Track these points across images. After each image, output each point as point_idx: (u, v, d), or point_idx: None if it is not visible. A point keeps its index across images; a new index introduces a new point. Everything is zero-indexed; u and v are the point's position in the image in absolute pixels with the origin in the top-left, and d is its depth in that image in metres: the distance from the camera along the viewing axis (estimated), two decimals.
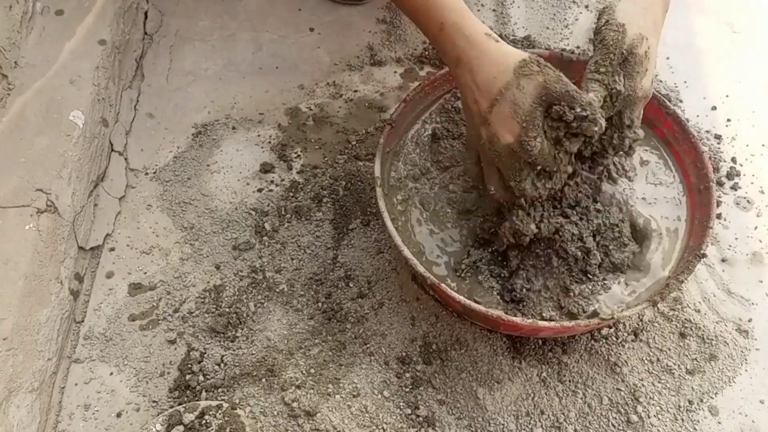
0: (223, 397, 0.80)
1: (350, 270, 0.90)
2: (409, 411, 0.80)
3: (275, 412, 0.79)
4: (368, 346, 0.84)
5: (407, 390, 0.81)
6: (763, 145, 1.03)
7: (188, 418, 0.75)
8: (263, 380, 0.81)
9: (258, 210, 0.96)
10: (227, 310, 0.87)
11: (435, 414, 0.80)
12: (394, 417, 0.79)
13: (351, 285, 0.89)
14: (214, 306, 0.88)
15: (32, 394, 0.77)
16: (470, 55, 0.71)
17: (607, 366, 0.82)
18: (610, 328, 0.84)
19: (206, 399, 0.80)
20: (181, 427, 0.75)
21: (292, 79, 1.10)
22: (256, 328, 0.86)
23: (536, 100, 0.68)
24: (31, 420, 0.76)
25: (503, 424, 0.79)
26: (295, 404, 0.79)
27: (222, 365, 0.83)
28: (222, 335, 0.86)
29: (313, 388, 0.81)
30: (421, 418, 0.79)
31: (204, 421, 0.75)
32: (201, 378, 0.82)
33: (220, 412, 0.76)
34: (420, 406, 0.80)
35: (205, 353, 0.84)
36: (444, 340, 0.84)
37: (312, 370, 0.82)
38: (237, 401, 0.80)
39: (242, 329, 0.86)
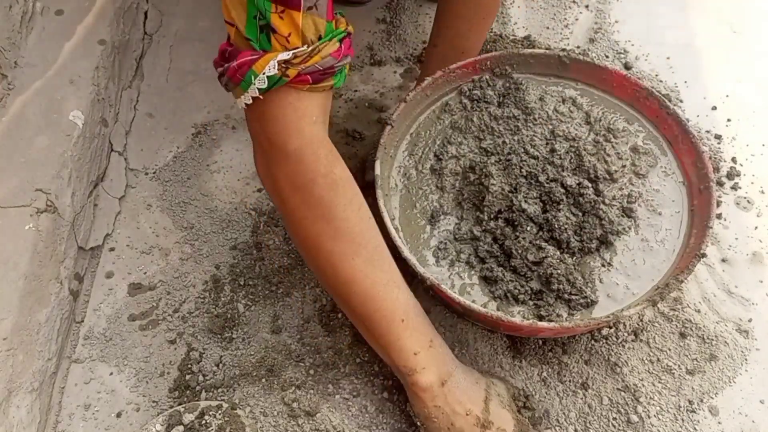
0: (223, 398, 0.80)
1: None
2: (409, 411, 0.79)
3: (275, 412, 0.79)
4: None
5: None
6: (763, 145, 1.02)
7: (188, 418, 0.75)
8: (263, 380, 0.81)
9: (258, 210, 0.96)
10: (227, 310, 0.87)
11: None
12: (394, 417, 0.79)
13: None
14: (214, 306, 0.88)
15: (32, 394, 0.77)
16: (458, 374, 0.73)
17: (607, 366, 0.82)
18: (610, 328, 0.84)
19: (206, 399, 0.80)
20: (181, 427, 0.75)
21: None
22: (255, 328, 0.86)
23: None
24: (31, 420, 0.76)
25: None
26: (295, 404, 0.79)
27: (221, 365, 0.83)
28: (221, 335, 0.85)
29: (313, 388, 0.81)
30: None
31: (204, 422, 0.75)
32: (201, 378, 0.82)
33: (220, 412, 0.76)
34: None
35: (205, 353, 0.84)
36: (444, 340, 0.84)
37: (312, 371, 0.82)
38: (237, 401, 0.80)
39: (242, 329, 0.86)
